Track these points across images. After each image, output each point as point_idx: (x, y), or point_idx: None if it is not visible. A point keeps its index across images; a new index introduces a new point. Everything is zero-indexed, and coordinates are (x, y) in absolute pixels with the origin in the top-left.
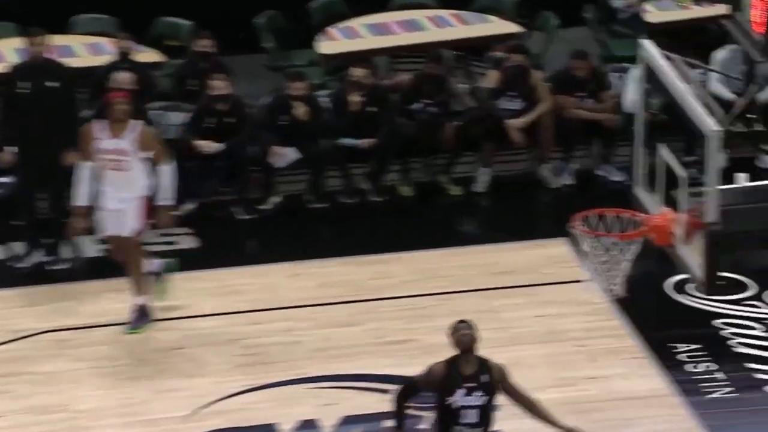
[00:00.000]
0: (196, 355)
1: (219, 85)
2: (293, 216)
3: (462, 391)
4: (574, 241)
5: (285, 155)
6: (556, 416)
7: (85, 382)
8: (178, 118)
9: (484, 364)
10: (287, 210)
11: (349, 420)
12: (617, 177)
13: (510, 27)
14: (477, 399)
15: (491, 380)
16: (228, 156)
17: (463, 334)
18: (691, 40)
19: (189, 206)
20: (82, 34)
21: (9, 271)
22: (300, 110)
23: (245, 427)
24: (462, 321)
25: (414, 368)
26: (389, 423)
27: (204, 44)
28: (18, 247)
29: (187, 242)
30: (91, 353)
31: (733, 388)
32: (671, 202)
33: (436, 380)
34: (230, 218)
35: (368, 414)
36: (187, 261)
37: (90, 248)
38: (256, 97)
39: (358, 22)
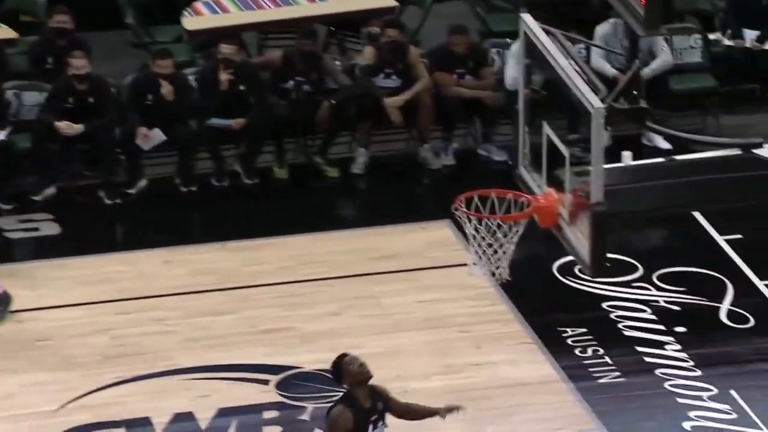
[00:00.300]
0: (62, 346)
1: (78, 64)
2: (162, 200)
3: (371, 427)
4: (456, 224)
5: (152, 137)
6: (430, 406)
7: None
8: (35, 98)
9: (374, 392)
10: (155, 194)
11: (225, 412)
12: (499, 156)
13: (384, 1)
14: (380, 429)
15: (384, 405)
16: (91, 138)
17: (361, 365)
18: (572, 14)
19: (49, 191)
20: None
21: None
22: (166, 89)
23: (116, 422)
24: (345, 354)
25: (292, 357)
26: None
27: (61, 20)
28: None
29: (48, 228)
30: None
31: (621, 373)
32: (555, 182)
33: (348, 428)
34: (95, 203)
35: (244, 405)
36: (49, 248)
37: None
38: (119, 76)
39: None
